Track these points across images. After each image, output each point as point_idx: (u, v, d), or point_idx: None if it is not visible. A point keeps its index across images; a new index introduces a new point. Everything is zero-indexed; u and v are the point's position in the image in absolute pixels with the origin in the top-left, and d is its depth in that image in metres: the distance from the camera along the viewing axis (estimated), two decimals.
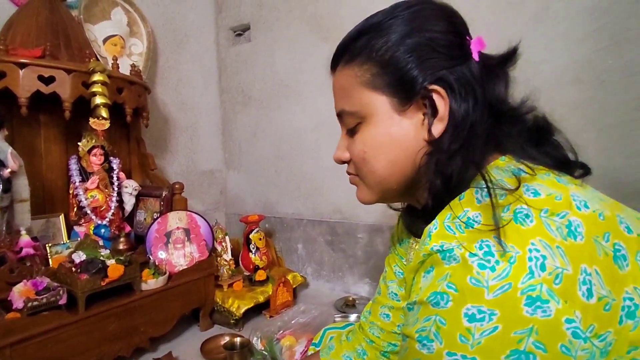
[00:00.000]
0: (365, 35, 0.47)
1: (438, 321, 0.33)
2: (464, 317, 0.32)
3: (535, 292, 0.30)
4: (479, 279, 0.32)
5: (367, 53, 0.46)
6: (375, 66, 0.45)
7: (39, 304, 0.87)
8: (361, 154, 0.48)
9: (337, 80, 0.51)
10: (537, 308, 0.30)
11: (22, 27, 1.15)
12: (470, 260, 0.32)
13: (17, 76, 1.02)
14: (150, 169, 1.43)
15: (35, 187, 1.11)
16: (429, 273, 0.36)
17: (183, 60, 1.79)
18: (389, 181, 0.48)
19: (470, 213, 0.36)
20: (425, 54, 0.43)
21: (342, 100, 0.50)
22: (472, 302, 0.31)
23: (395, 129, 0.45)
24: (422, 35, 0.44)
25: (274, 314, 1.29)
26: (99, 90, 1.12)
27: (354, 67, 0.47)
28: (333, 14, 1.53)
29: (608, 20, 1.01)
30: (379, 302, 0.69)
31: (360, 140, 0.48)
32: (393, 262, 0.69)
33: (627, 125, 1.00)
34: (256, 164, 1.84)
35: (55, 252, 1.08)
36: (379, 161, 0.47)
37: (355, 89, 0.47)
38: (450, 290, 0.33)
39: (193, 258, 1.25)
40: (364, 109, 0.47)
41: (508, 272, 0.31)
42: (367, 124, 0.47)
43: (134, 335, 1.03)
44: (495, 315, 0.31)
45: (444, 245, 0.35)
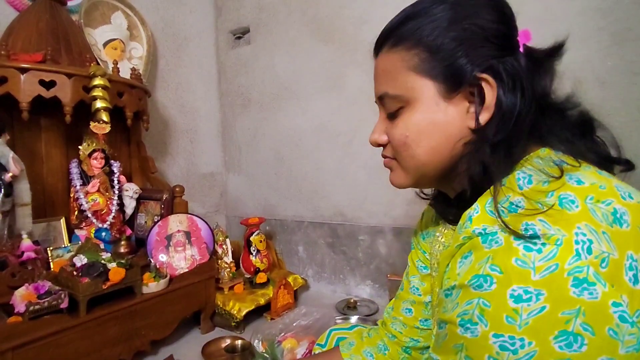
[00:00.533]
0: (412, 19, 0.46)
1: (482, 304, 0.33)
2: (510, 298, 0.31)
3: (582, 274, 0.30)
4: (525, 260, 0.32)
5: (415, 37, 0.45)
6: (424, 51, 0.45)
7: (41, 308, 0.87)
8: (403, 138, 0.47)
9: (380, 63, 0.50)
10: (583, 290, 0.30)
11: (23, 32, 1.15)
12: (516, 243, 0.32)
13: (19, 81, 1.03)
14: (150, 172, 1.44)
15: (36, 191, 1.11)
16: (466, 258, 0.36)
17: (183, 64, 1.79)
18: (428, 167, 0.48)
19: (513, 198, 0.36)
20: (475, 42, 0.43)
21: (385, 83, 0.49)
22: (518, 283, 0.31)
23: (440, 116, 0.45)
24: (474, 23, 0.43)
25: (275, 317, 1.29)
26: (99, 94, 1.13)
27: (400, 51, 0.46)
28: (333, 17, 1.53)
29: (609, 22, 1.01)
30: (401, 298, 0.69)
31: (402, 125, 0.47)
32: (416, 257, 0.69)
33: (628, 126, 1.00)
34: (256, 167, 1.84)
35: (57, 255, 1.09)
36: (421, 147, 0.46)
37: (401, 72, 0.46)
38: (494, 273, 0.33)
39: (194, 261, 1.25)
40: (408, 93, 0.46)
41: (555, 254, 0.31)
42: (411, 109, 0.46)
43: (135, 338, 1.03)
44: (542, 296, 0.31)
45: (486, 229, 0.35)
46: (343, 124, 1.54)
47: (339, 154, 1.56)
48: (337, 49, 1.54)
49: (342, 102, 1.54)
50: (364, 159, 1.48)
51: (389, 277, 1.38)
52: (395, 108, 0.48)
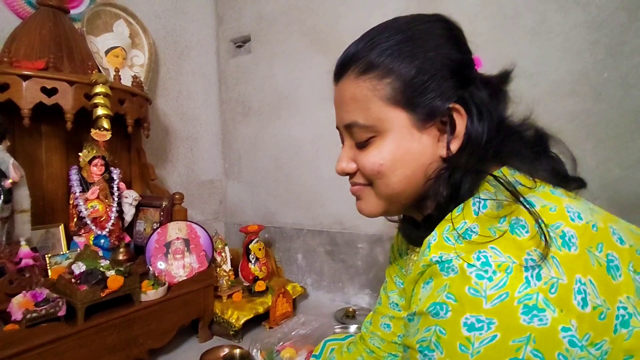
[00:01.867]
0: (381, 47, 0.45)
1: (438, 331, 0.34)
2: (463, 327, 0.32)
3: (532, 301, 0.31)
4: (477, 289, 0.32)
5: (386, 66, 0.45)
6: (397, 81, 0.44)
7: (38, 316, 0.87)
8: (377, 167, 0.47)
9: (347, 90, 0.48)
10: (533, 317, 0.31)
11: (26, 39, 1.16)
12: (469, 271, 0.33)
13: (20, 88, 1.03)
14: (150, 179, 1.44)
15: (36, 197, 1.11)
16: (427, 284, 0.37)
17: (184, 72, 1.80)
18: (401, 195, 0.48)
19: (469, 225, 0.37)
20: (445, 74, 0.44)
21: (353, 112, 0.47)
22: (471, 312, 0.32)
23: (415, 145, 0.45)
24: (442, 54, 0.44)
25: (274, 325, 1.28)
26: (100, 101, 1.13)
27: (371, 79, 0.45)
28: (332, 28, 1.55)
29: (604, 34, 1.03)
30: (379, 313, 0.69)
31: (376, 153, 0.46)
32: (393, 272, 0.69)
33: (624, 137, 1.01)
34: (256, 174, 1.85)
35: (55, 262, 1.08)
36: (396, 175, 0.46)
37: (372, 102, 0.46)
38: (449, 301, 0.33)
39: (192, 269, 1.25)
40: (381, 124, 0.46)
41: (505, 282, 0.32)
42: (383, 138, 0.46)
43: (133, 346, 1.02)
44: (493, 324, 0.31)
45: (442, 256, 0.36)
46: None
47: None
48: (335, 59, 1.54)
49: None
50: None
51: None
52: (365, 137, 0.47)
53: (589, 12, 1.05)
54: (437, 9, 0.51)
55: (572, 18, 1.07)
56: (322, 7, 1.57)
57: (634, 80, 1.00)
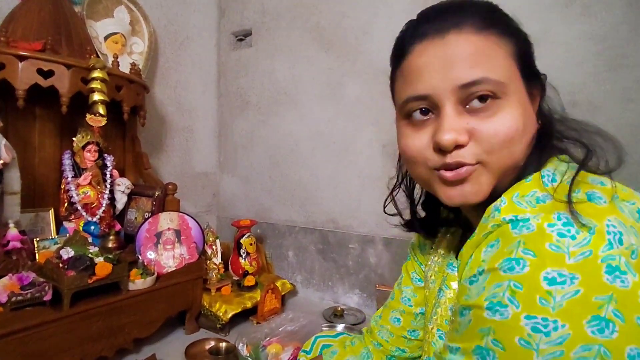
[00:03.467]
0: (491, 8, 0.45)
1: (513, 286, 0.33)
2: (544, 280, 0.32)
3: (615, 262, 0.31)
4: (559, 245, 0.32)
5: (504, 26, 0.44)
6: (516, 45, 0.43)
7: (23, 299, 0.86)
8: (508, 133, 0.41)
9: (467, 43, 0.42)
10: (616, 277, 0.30)
11: (24, 20, 1.14)
12: (549, 230, 0.33)
13: (16, 68, 1.02)
14: (144, 168, 1.43)
15: (27, 181, 1.09)
16: (492, 246, 0.36)
17: (183, 62, 1.79)
18: (518, 166, 0.44)
19: (539, 194, 0.37)
20: (531, 49, 0.46)
21: (482, 67, 0.41)
22: (553, 266, 0.32)
23: (530, 111, 0.44)
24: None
25: (261, 321, 1.28)
26: (97, 86, 1.12)
27: (496, 35, 0.42)
28: (335, 26, 1.55)
29: (605, 47, 1.04)
30: (390, 307, 0.69)
31: (504, 119, 0.41)
32: (412, 268, 0.69)
33: None
34: (251, 169, 1.84)
35: (43, 247, 1.07)
36: (522, 143, 0.42)
37: (502, 58, 0.42)
38: (527, 256, 0.33)
39: (182, 260, 1.24)
40: (511, 82, 0.42)
41: (589, 241, 0.32)
42: (508, 101, 0.41)
43: (118, 335, 1.02)
44: (576, 279, 0.31)
45: (518, 216, 0.36)
46: (339, 132, 1.55)
47: (334, 161, 1.56)
48: (337, 57, 1.55)
49: (340, 111, 1.54)
50: (359, 167, 1.48)
51: (377, 287, 1.38)
52: (483, 100, 0.41)
53: (591, 24, 1.05)
54: None
55: (576, 29, 1.08)
56: (326, 5, 1.57)
57: (633, 95, 1.00)
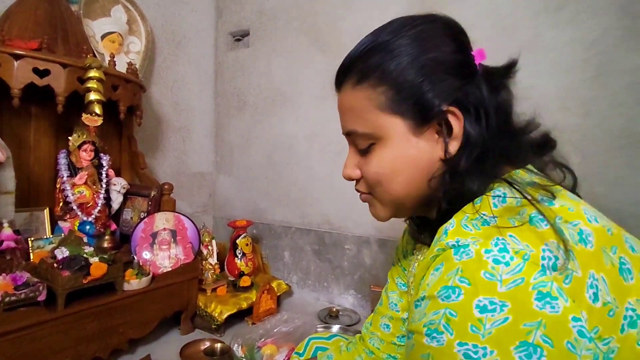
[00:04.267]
0: (374, 55, 0.46)
1: (448, 313, 0.34)
2: (476, 308, 0.33)
3: (546, 289, 0.32)
4: (493, 273, 0.33)
5: (379, 75, 0.45)
6: (390, 89, 0.45)
7: (17, 299, 0.85)
8: (376, 175, 0.48)
9: (345, 100, 0.50)
10: (546, 303, 0.31)
11: (20, 18, 1.14)
12: (485, 256, 0.34)
13: (12, 67, 1.01)
14: (140, 168, 1.43)
15: (21, 180, 1.09)
16: (437, 270, 0.37)
17: (180, 62, 1.79)
18: (405, 200, 0.49)
19: (487, 216, 0.38)
20: (439, 76, 0.44)
21: (352, 121, 0.49)
22: (485, 294, 0.33)
23: (412, 151, 0.46)
24: (434, 57, 0.44)
25: (257, 321, 1.28)
26: (94, 86, 1.12)
27: (366, 89, 0.47)
28: (332, 28, 1.56)
29: (595, 52, 1.05)
30: (380, 313, 0.70)
31: (376, 162, 0.48)
32: (396, 274, 0.69)
33: (609, 153, 1.04)
34: (247, 170, 1.84)
35: (38, 246, 1.06)
36: (396, 182, 0.47)
37: (368, 111, 0.47)
38: (462, 284, 0.34)
39: (178, 260, 1.24)
40: (378, 131, 0.47)
41: (521, 268, 0.33)
42: (382, 146, 0.47)
43: (112, 336, 1.02)
44: (506, 307, 0.32)
45: (459, 241, 0.36)
46: (335, 133, 1.54)
47: (330, 162, 1.57)
48: (333, 59, 1.56)
49: (335, 112, 1.53)
50: None
51: (372, 288, 1.39)
52: (365, 145, 0.49)
53: (581, 30, 1.07)
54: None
55: (566, 35, 1.10)
56: (323, 7, 1.58)
57: (621, 99, 1.02)
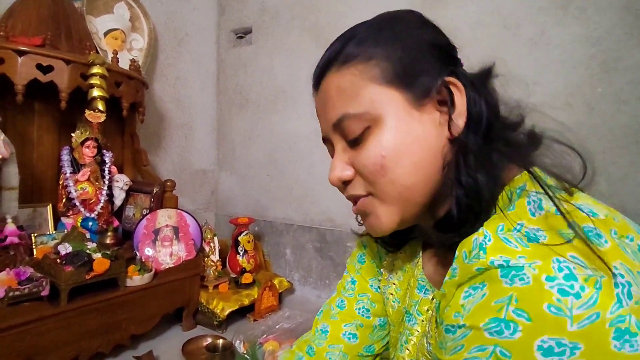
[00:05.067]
0: (358, 36, 0.42)
1: (499, 352, 0.28)
2: (538, 350, 0.27)
3: (625, 324, 0.26)
4: (561, 307, 0.26)
5: (369, 51, 0.40)
6: (384, 59, 0.40)
7: (21, 294, 0.86)
8: (379, 160, 0.39)
9: (330, 85, 0.43)
10: (625, 342, 0.25)
11: (24, 15, 1.14)
12: (548, 285, 0.27)
13: (15, 63, 1.01)
14: (142, 165, 1.43)
15: (25, 176, 1.09)
16: (475, 290, 0.30)
17: (183, 59, 1.79)
18: (414, 190, 0.40)
19: (528, 226, 0.30)
20: (433, 52, 0.41)
21: (342, 103, 0.41)
22: (551, 334, 0.26)
23: (417, 126, 0.39)
24: (426, 36, 0.41)
25: (258, 318, 1.29)
26: (97, 82, 1.12)
27: (356, 65, 0.41)
28: (333, 26, 1.55)
29: (600, 50, 1.05)
30: (342, 320, 0.57)
31: (375, 146, 0.40)
32: (368, 274, 0.59)
33: (613, 151, 1.03)
34: (249, 167, 1.84)
35: (41, 242, 1.07)
36: (403, 166, 0.39)
37: (360, 86, 0.40)
38: (520, 319, 0.27)
39: (180, 257, 1.25)
40: (375, 108, 0.39)
41: (595, 300, 0.26)
42: (381, 126, 0.40)
43: (115, 331, 1.02)
44: (578, 350, 0.26)
45: (509, 261, 0.29)
46: None
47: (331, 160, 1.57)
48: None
49: None
50: None
51: None
52: (359, 131, 0.40)
53: (587, 27, 1.07)
54: (439, 14, 0.51)
55: (570, 32, 1.09)
56: (325, 4, 1.57)
57: (626, 97, 1.02)
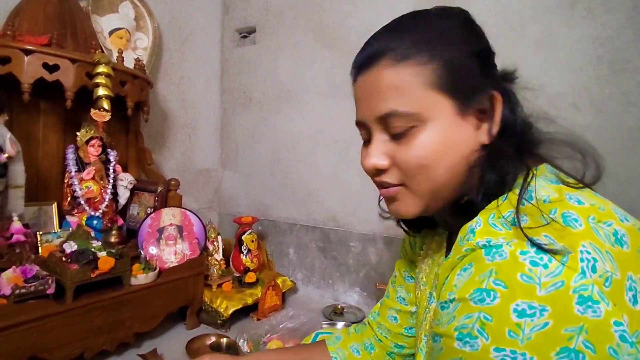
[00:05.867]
0: (416, 34, 0.45)
1: (483, 317, 0.33)
2: (514, 313, 0.32)
3: (587, 292, 0.31)
4: (531, 276, 0.32)
5: (427, 53, 0.43)
6: (442, 67, 0.43)
7: (27, 292, 0.86)
8: (420, 160, 0.44)
9: (382, 78, 0.45)
10: (587, 307, 0.30)
11: (30, 14, 1.15)
12: (522, 258, 0.33)
13: (22, 62, 1.02)
14: (146, 164, 1.43)
15: (30, 174, 1.09)
16: (465, 270, 0.36)
17: (187, 58, 1.79)
18: (445, 188, 0.45)
19: (515, 214, 0.36)
20: (484, 61, 0.45)
21: (393, 100, 0.44)
22: (523, 298, 0.32)
23: (457, 133, 0.44)
24: (480, 44, 0.46)
25: (262, 317, 1.29)
26: (102, 81, 1.12)
27: (414, 65, 0.43)
28: (338, 25, 1.55)
29: (607, 50, 1.04)
30: (386, 305, 0.70)
31: (419, 146, 0.44)
32: (403, 267, 0.69)
33: (621, 153, 1.03)
34: (252, 166, 1.85)
35: (46, 240, 1.07)
36: (441, 168, 0.44)
37: (415, 88, 0.43)
38: (497, 287, 0.33)
39: (184, 255, 1.25)
40: (425, 112, 0.43)
41: (561, 271, 0.32)
42: (426, 128, 0.43)
43: (119, 329, 1.02)
44: (546, 312, 0.31)
45: (490, 241, 0.35)
46: (341, 130, 1.55)
47: (335, 159, 1.57)
48: (340, 56, 1.56)
49: (342, 109, 1.55)
50: (360, 166, 1.48)
51: (377, 286, 1.39)
52: (403, 128, 0.44)
53: (594, 27, 1.06)
54: None
55: (578, 32, 1.08)
56: (329, 3, 1.57)
57: (634, 98, 1.01)
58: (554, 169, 0.43)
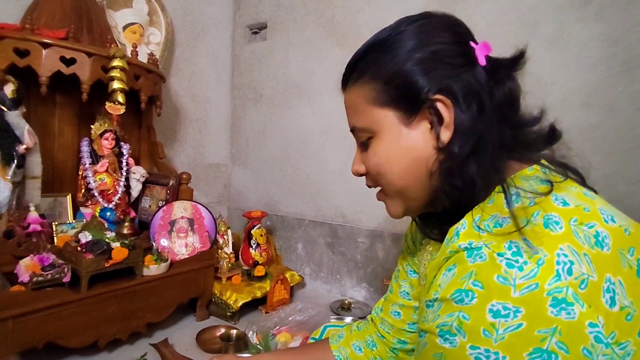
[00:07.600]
0: (372, 52, 0.49)
1: (461, 317, 0.34)
2: (489, 313, 0.33)
3: (561, 294, 0.31)
4: (507, 277, 0.33)
5: (373, 71, 0.48)
6: (380, 83, 0.48)
7: (44, 280, 0.88)
8: (375, 167, 0.51)
9: (347, 98, 0.53)
10: (561, 309, 0.31)
11: (48, 8, 1.17)
12: (499, 260, 0.34)
13: (40, 55, 1.04)
14: (158, 158, 1.45)
15: (46, 166, 1.11)
16: (450, 271, 0.37)
17: (198, 53, 1.81)
18: (408, 190, 0.49)
19: (500, 217, 0.38)
20: (429, 66, 0.45)
21: (353, 117, 0.52)
22: (498, 299, 0.33)
23: (404, 141, 0.47)
24: (427, 49, 0.45)
25: (270, 310, 1.30)
26: (117, 75, 1.14)
27: (361, 86, 0.50)
28: (349, 21, 1.56)
29: (620, 48, 1.04)
30: (390, 300, 0.71)
31: (372, 154, 0.50)
32: (406, 261, 0.70)
33: (632, 152, 1.02)
34: (262, 162, 1.86)
35: (61, 230, 1.10)
36: (393, 172, 0.49)
37: (363, 106, 0.50)
38: (475, 288, 0.34)
39: (195, 248, 1.27)
40: (373, 125, 0.49)
41: (536, 273, 0.32)
42: (378, 138, 0.49)
43: (131, 319, 1.05)
44: (520, 313, 0.32)
45: (472, 243, 0.37)
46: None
47: (344, 156, 1.58)
48: (351, 52, 1.53)
49: None
50: None
51: (384, 282, 1.40)
52: (365, 138, 0.51)
53: (607, 25, 1.05)
54: (457, 11, 0.51)
55: (591, 30, 1.08)
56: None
57: None
58: (547, 169, 0.43)
